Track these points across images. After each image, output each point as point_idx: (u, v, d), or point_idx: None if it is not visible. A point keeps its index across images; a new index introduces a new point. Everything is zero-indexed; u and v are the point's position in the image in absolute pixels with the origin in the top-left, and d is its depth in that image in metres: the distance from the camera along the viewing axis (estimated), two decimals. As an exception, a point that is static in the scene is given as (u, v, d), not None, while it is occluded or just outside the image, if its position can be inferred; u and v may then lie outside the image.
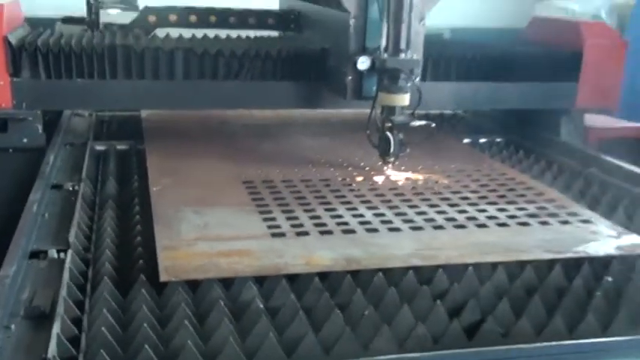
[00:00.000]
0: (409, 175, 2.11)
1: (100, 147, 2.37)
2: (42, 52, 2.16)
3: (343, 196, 1.92)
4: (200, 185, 1.97)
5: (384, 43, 1.94)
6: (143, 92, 2.23)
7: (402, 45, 1.93)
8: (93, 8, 5.13)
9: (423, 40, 2.03)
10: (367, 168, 2.15)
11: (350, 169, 2.16)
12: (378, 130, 2.03)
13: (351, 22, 1.99)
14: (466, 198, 1.95)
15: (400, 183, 2.05)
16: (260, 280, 1.44)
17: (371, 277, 1.46)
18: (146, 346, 1.15)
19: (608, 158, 2.33)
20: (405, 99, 1.96)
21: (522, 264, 1.54)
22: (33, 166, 2.11)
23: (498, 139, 2.71)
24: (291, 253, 1.52)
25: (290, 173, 2.09)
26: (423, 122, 2.01)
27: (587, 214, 1.86)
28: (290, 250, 1.54)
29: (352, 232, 1.68)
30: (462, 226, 1.74)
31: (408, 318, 1.31)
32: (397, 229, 1.70)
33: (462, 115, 3.12)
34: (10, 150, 2.21)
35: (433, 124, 2.03)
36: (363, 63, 1.96)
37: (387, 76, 1.95)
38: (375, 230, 1.69)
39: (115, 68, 2.20)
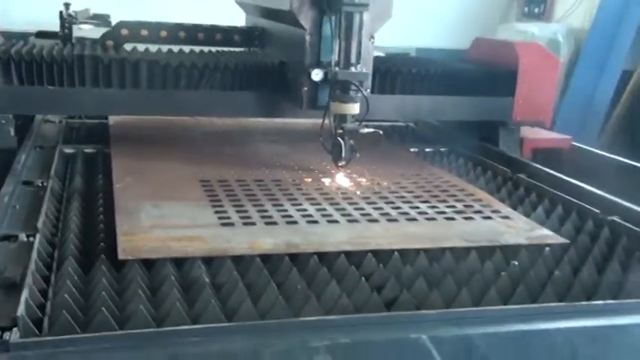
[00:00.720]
0: (354, 177, 2.31)
1: (68, 150, 2.54)
2: (15, 61, 2.33)
3: (291, 194, 2.12)
4: (160, 183, 2.15)
5: (335, 57, 2.14)
6: (109, 100, 2.40)
7: (353, 59, 2.13)
8: (66, 23, 5.31)
9: (372, 56, 2.25)
10: (317, 171, 2.35)
11: (301, 172, 2.35)
12: (330, 136, 2.22)
13: (307, 38, 2.20)
14: (402, 197, 2.15)
15: (345, 184, 2.25)
16: (208, 261, 1.62)
17: (307, 260, 1.65)
18: (103, 309, 1.32)
19: (535, 165, 2.56)
20: (355, 108, 2.17)
21: (443, 251, 1.74)
22: (3, 165, 2.28)
23: (442, 149, 2.93)
24: (238, 240, 1.71)
25: (244, 174, 2.28)
26: (371, 130, 2.21)
27: (508, 211, 2.08)
28: (236, 237, 1.73)
29: (295, 223, 1.87)
30: (394, 220, 1.94)
31: (335, 292, 1.51)
32: (335, 222, 1.90)
33: (412, 127, 3.34)
34: (-19, 151, 2.36)
35: (380, 132, 2.23)
36: (317, 75, 2.16)
37: (339, 87, 2.15)
38: (316, 222, 1.89)
39: (83, 77, 2.37)
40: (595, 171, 2.74)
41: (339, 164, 2.25)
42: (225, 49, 2.98)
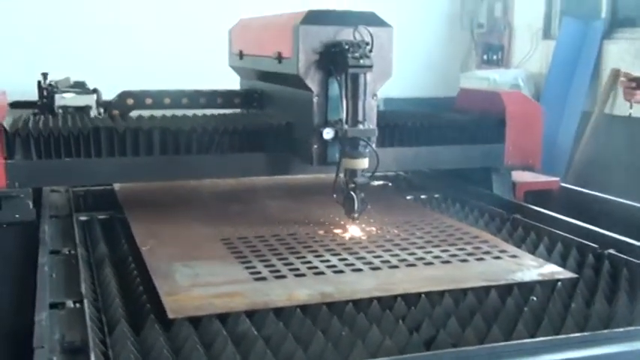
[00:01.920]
0: (364, 227, 2.44)
1: (83, 217, 2.62)
2: (33, 136, 2.42)
3: (310, 246, 2.23)
4: (183, 244, 2.24)
5: (344, 116, 2.29)
6: (125, 168, 2.51)
7: (360, 117, 2.29)
8: (45, 92, 5.39)
9: (375, 113, 2.40)
10: (327, 223, 2.47)
11: (312, 225, 2.46)
12: (342, 191, 2.35)
13: (315, 99, 2.35)
14: (414, 243, 2.28)
15: (357, 234, 2.37)
16: (250, 315, 1.72)
17: (343, 308, 1.76)
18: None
19: (529, 206, 2.73)
20: (365, 162, 2.31)
21: (465, 291, 1.87)
22: (24, 236, 2.36)
23: (436, 195, 3.09)
24: (274, 292, 1.82)
25: (261, 230, 2.39)
26: (381, 182, 2.35)
27: (515, 250, 2.22)
28: (272, 290, 1.83)
29: (322, 273, 1.98)
30: (412, 265, 2.07)
31: (376, 335, 1.62)
32: (359, 270, 2.02)
33: (403, 176, 3.50)
34: (4, 225, 2.42)
35: (390, 184, 2.37)
36: (328, 133, 2.31)
37: (349, 144, 2.30)
38: (341, 271, 2.00)
39: (99, 147, 2.47)
40: (583, 209, 2.91)
41: (353, 217, 2.37)
42: (222, 111, 3.11)
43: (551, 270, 2.03)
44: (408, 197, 3.05)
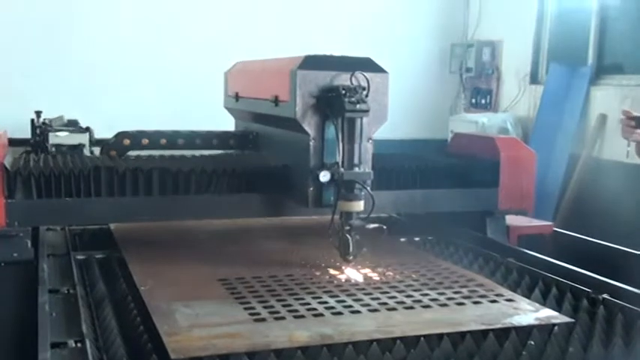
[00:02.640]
0: (359, 268, 2.46)
1: (80, 256, 2.63)
2: (35, 176, 2.44)
3: (307, 288, 2.24)
4: (182, 284, 2.25)
5: (340, 159, 2.33)
6: (124, 207, 2.53)
7: (356, 160, 2.33)
8: (38, 130, 5.41)
9: (371, 156, 2.45)
10: (323, 265, 2.49)
11: (309, 266, 2.48)
12: (337, 233, 2.38)
13: (311, 142, 2.39)
14: (410, 285, 2.31)
15: (354, 276, 2.39)
16: (251, 356, 1.73)
17: (343, 349, 1.78)
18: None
19: (523, 250, 2.77)
20: (360, 205, 2.35)
21: (463, 334, 1.89)
22: (22, 276, 2.37)
23: (430, 237, 3.12)
24: (274, 333, 1.83)
25: (258, 271, 2.40)
26: (376, 225, 2.38)
27: (510, 294, 2.25)
28: (272, 331, 1.85)
29: (321, 315, 2.00)
30: (410, 308, 2.09)
31: (379, 379, 1.63)
32: (358, 312, 2.03)
33: (396, 218, 3.53)
34: (2, 264, 2.43)
35: (384, 227, 2.41)
36: (325, 176, 2.35)
37: (345, 187, 2.33)
38: (340, 313, 2.02)
39: (99, 187, 2.50)
40: (575, 253, 2.96)
41: (348, 259, 2.39)
42: (217, 152, 3.15)
43: (548, 314, 2.05)
44: (402, 239, 3.08)
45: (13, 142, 3.55)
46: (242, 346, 1.74)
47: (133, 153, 3.02)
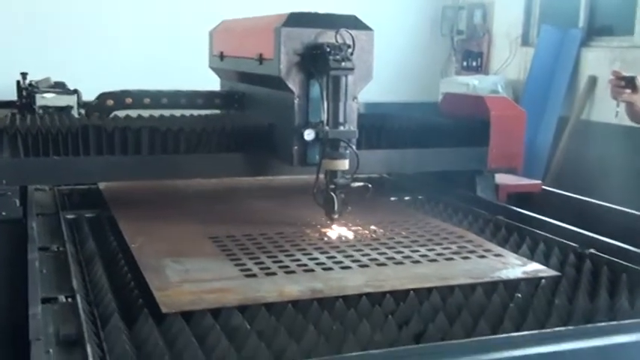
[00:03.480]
0: (350, 226, 2.47)
1: (70, 216, 2.63)
2: (21, 134, 2.42)
3: (298, 245, 2.25)
4: (172, 241, 2.25)
5: (325, 117, 2.32)
6: (112, 166, 2.52)
7: (341, 119, 2.32)
8: (25, 92, 5.36)
9: (356, 115, 2.44)
10: (314, 223, 2.49)
11: (299, 224, 2.49)
12: (322, 191, 2.38)
13: (296, 101, 2.38)
14: (400, 242, 2.32)
15: (344, 233, 2.40)
16: (242, 310, 1.74)
17: (333, 303, 1.79)
18: None
19: (512, 207, 2.79)
20: (345, 164, 2.34)
21: (451, 288, 1.91)
22: (11, 234, 2.36)
23: (420, 197, 3.13)
24: (265, 288, 1.84)
25: (249, 229, 2.41)
26: (361, 184, 2.39)
27: (499, 249, 2.27)
28: (263, 286, 1.86)
29: (312, 271, 2.01)
30: (400, 263, 2.10)
31: (366, 330, 1.65)
32: (348, 267, 2.05)
33: (387, 178, 3.54)
34: (-9, 222, 2.42)
35: (369, 185, 2.41)
36: (309, 135, 2.34)
37: (329, 145, 2.33)
38: (330, 269, 2.03)
39: (87, 146, 2.48)
40: (563, 211, 2.98)
41: (333, 217, 2.40)
42: (202, 112, 3.13)
43: (535, 268, 2.08)
44: (392, 198, 3.09)
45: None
46: (233, 301, 1.75)
47: (121, 114, 3.00)
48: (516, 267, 2.08)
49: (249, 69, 2.76)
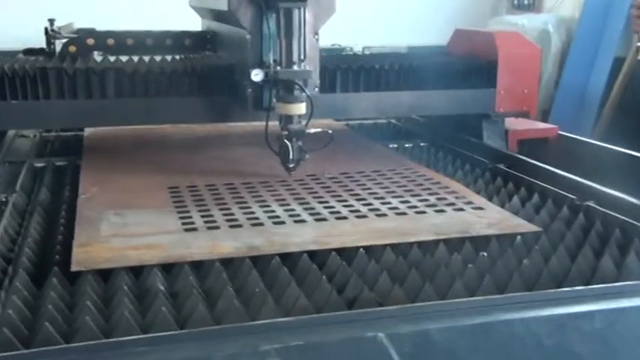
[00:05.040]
0: (326, 175, 2.27)
1: (39, 164, 2.51)
2: (-25, 77, 2.29)
3: (260, 196, 2.07)
4: (127, 192, 2.10)
5: (276, 56, 2.10)
6: (77, 111, 2.36)
7: (295, 58, 2.09)
8: (51, 39, 5.29)
9: (318, 53, 2.21)
10: (292, 172, 2.29)
11: (273, 174, 2.29)
12: (278, 138, 2.18)
13: (247, 37, 2.15)
14: (374, 193, 2.10)
15: (316, 182, 2.20)
16: (167, 269, 1.58)
17: (269, 262, 1.60)
18: (46, 324, 1.28)
19: (514, 154, 2.52)
20: (300, 108, 2.12)
21: (410, 245, 1.69)
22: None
23: (422, 144, 2.89)
24: (198, 244, 1.67)
25: (215, 179, 2.23)
26: (318, 130, 2.17)
27: (482, 202, 2.02)
28: (198, 242, 1.68)
29: (260, 225, 1.82)
30: (363, 216, 1.89)
31: (294, 293, 1.46)
32: (303, 221, 1.85)
33: (394, 124, 3.30)
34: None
35: (329, 131, 2.18)
36: (257, 75, 2.12)
37: (282, 87, 2.11)
38: (282, 223, 1.84)
39: (47, 89, 2.33)
40: (582, 159, 2.69)
41: (289, 166, 2.19)
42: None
43: (513, 223, 1.83)
44: (392, 145, 2.86)
45: (34, 52, 3.41)
46: (154, 258, 1.58)
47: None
48: (493, 221, 1.84)
49: (210, 5, 2.55)
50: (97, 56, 2.77)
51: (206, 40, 2.86)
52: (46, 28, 5.46)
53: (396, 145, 2.87)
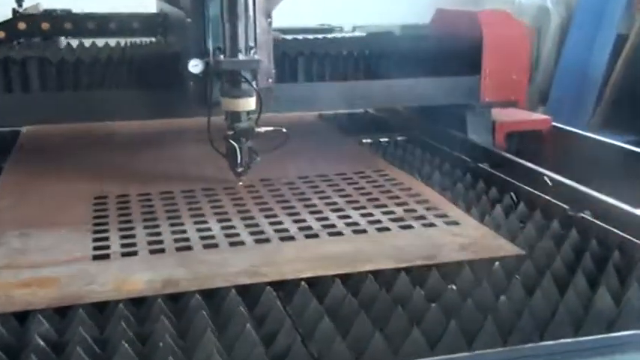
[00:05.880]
0: (282, 181, 1.97)
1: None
2: None
3: (198, 209, 1.77)
4: (45, 205, 1.80)
5: (219, 43, 1.79)
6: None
7: (241, 45, 1.77)
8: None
9: (271, 38, 1.89)
10: (242, 177, 1.99)
11: (219, 180, 1.99)
12: (224, 138, 1.87)
13: (187, 21, 1.84)
14: (333, 204, 1.80)
15: (268, 189, 1.90)
16: (61, 311, 1.28)
17: (188, 300, 1.31)
18: None
19: (499, 152, 2.21)
20: (248, 103, 1.81)
21: (363, 276, 1.39)
22: None
23: (399, 138, 2.58)
24: (103, 279, 1.37)
25: (152, 186, 1.94)
26: (270, 128, 1.86)
27: (458, 214, 1.72)
28: (104, 275, 1.38)
29: (188, 248, 1.52)
30: (313, 236, 1.59)
31: (209, 346, 1.16)
32: (240, 243, 1.55)
33: (371, 114, 2.99)
34: None
35: (284, 130, 1.88)
36: (196, 66, 1.81)
37: (227, 80, 1.80)
38: (215, 245, 1.54)
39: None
40: (578, 155, 2.40)
41: (237, 170, 1.89)
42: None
43: (492, 243, 1.53)
44: (365, 140, 2.55)
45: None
46: (43, 301, 1.28)
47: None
48: (468, 241, 1.54)
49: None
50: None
51: (157, 23, 2.53)
52: (13, 9, 5.12)
53: (370, 140, 2.56)
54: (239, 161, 1.85)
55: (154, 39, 2.65)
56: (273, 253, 1.50)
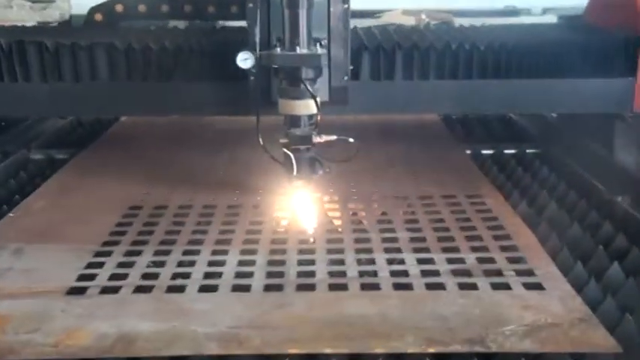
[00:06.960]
0: (345, 203, 1.62)
1: (37, 156, 2.13)
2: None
3: (229, 231, 1.49)
4: (70, 212, 1.61)
5: (280, 33, 1.46)
6: (56, 98, 1.88)
7: (302, 36, 1.43)
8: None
9: (348, 29, 1.53)
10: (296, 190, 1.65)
11: (271, 190, 1.68)
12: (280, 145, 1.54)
13: (250, 6, 1.53)
14: (391, 240, 1.42)
15: (312, 219, 1.55)
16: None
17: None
18: None
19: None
20: (308, 106, 1.46)
21: (375, 358, 1.02)
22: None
23: (529, 150, 2.10)
24: (55, 325, 1.12)
25: (201, 196, 1.69)
26: (332, 137, 1.50)
27: (548, 273, 1.26)
28: (58, 320, 1.13)
29: (179, 290, 1.24)
30: (340, 287, 1.23)
31: None
32: (242, 288, 1.24)
33: (508, 118, 2.50)
34: None
35: (351, 140, 1.51)
36: (245, 60, 1.49)
37: (285, 78, 1.47)
38: (213, 289, 1.24)
39: (26, 68, 1.88)
40: None
41: (293, 182, 1.55)
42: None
43: (582, 330, 1.07)
44: (485, 152, 2.11)
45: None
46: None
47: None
48: (544, 320, 1.10)
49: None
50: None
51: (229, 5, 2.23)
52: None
53: (491, 151, 2.11)
54: (294, 172, 1.51)
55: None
56: (273, 307, 1.17)
